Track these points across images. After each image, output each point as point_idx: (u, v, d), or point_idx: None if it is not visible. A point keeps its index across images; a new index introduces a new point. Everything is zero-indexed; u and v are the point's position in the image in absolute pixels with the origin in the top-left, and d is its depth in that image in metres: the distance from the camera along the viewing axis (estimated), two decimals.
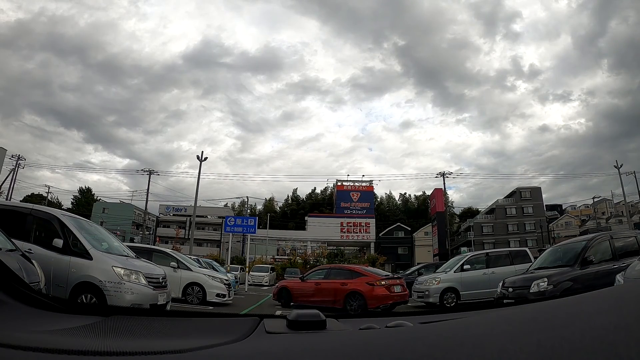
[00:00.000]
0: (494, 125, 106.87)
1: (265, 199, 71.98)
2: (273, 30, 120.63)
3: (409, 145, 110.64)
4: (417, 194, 79.17)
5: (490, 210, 58.50)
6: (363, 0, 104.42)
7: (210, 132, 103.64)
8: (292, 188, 79.45)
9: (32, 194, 54.36)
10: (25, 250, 4.84)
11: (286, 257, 42.94)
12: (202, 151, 30.37)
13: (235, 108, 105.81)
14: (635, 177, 35.23)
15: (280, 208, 71.73)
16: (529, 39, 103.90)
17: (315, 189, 74.51)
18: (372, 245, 53.74)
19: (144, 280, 5.58)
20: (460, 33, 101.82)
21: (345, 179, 61.79)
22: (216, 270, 14.30)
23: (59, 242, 5.43)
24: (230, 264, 27.80)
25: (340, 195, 59.32)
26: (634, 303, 0.52)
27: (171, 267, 9.49)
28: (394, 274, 12.29)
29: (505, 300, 6.42)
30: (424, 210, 70.87)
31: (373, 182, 61.44)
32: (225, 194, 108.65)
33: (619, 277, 4.99)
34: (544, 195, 56.79)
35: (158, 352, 0.69)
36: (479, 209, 64.78)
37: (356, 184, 60.61)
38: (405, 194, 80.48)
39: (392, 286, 9.23)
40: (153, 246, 11.72)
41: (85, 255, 5.41)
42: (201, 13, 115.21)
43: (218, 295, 9.87)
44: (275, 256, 46.38)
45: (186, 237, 45.26)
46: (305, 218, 58.73)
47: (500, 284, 7.26)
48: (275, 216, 61.74)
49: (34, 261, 4.42)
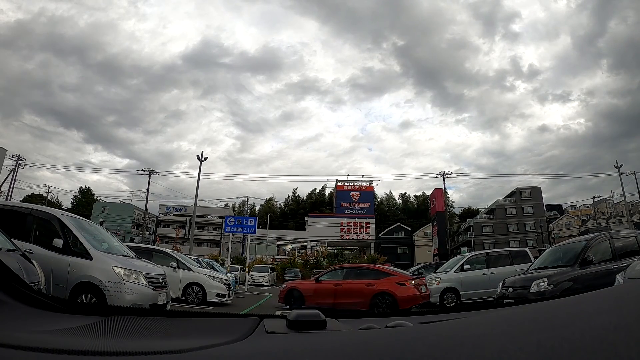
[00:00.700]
0: (494, 125, 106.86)
1: (266, 200, 72.04)
2: (272, 31, 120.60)
3: (408, 145, 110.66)
4: (417, 194, 79.20)
5: (490, 210, 58.48)
6: (362, 1, 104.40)
7: (209, 132, 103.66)
8: (292, 188, 79.49)
9: (32, 194, 54.29)
10: (25, 250, 4.84)
11: (286, 257, 42.97)
12: (202, 151, 30.44)
13: (235, 108, 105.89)
14: (635, 177, 35.28)
15: (280, 208, 71.69)
16: (528, 39, 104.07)
17: (315, 189, 74.57)
18: (372, 245, 53.79)
19: (144, 280, 5.58)
20: (459, 33, 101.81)
21: (345, 179, 61.92)
22: (216, 270, 14.32)
23: (59, 242, 5.43)
24: (230, 264, 27.83)
25: (340, 195, 59.34)
26: (634, 303, 0.52)
27: (171, 267, 9.49)
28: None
29: (505, 300, 6.43)
30: (423, 210, 70.81)
31: (373, 182, 61.61)
32: (225, 194, 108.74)
33: (619, 277, 5.00)
34: (543, 196, 56.85)
35: (158, 352, 0.69)
36: (479, 209, 64.85)
37: (356, 184, 60.68)
38: (405, 193, 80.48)
39: (420, 285, 8.90)
40: (153, 246, 11.72)
41: (85, 255, 5.42)
42: (200, 13, 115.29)
43: (218, 295, 9.90)
44: (275, 256, 46.37)
45: (186, 237, 45.28)
46: (305, 218, 58.75)
47: (500, 284, 7.26)
48: (275, 216, 61.71)
49: (34, 261, 4.42)
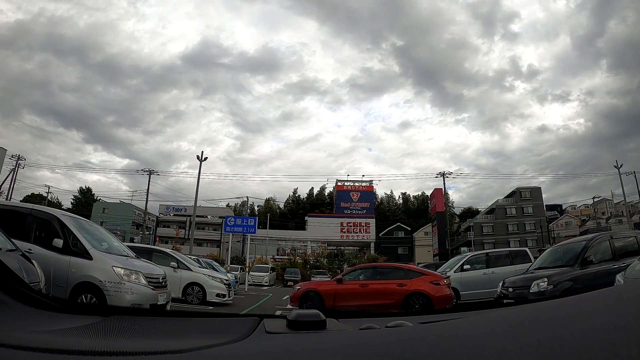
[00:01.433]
0: (493, 125, 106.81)
1: (266, 200, 72.03)
2: (272, 31, 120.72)
3: (408, 146, 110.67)
4: (417, 193, 79.23)
5: (490, 210, 58.46)
6: (361, 1, 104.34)
7: (209, 132, 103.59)
8: (292, 188, 79.46)
9: (32, 194, 54.25)
10: (25, 250, 4.84)
11: (286, 257, 42.96)
12: (202, 151, 30.44)
13: (235, 108, 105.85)
14: (635, 177, 35.28)
15: (279, 209, 71.67)
16: (528, 39, 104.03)
17: (312, 189, 74.59)
18: (372, 245, 53.77)
19: (144, 280, 5.58)
20: (458, 33, 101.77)
21: (345, 179, 61.89)
22: (216, 270, 14.33)
23: (59, 242, 5.43)
24: (230, 264, 27.84)
25: (340, 195, 59.32)
26: (634, 303, 0.52)
27: (171, 267, 9.50)
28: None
29: (505, 301, 6.43)
30: (423, 210, 70.79)
31: (373, 182, 61.59)
32: (225, 194, 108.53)
33: (619, 277, 5.00)
34: (543, 196, 56.82)
35: (158, 352, 0.69)
36: (479, 209, 64.85)
37: (356, 184, 60.64)
38: (406, 193, 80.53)
39: (450, 285, 8.59)
40: (153, 246, 11.71)
41: (85, 255, 5.42)
42: (200, 14, 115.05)
43: (218, 295, 9.90)
44: (275, 256, 46.39)
45: (186, 237, 45.28)
46: (305, 218, 58.72)
47: (500, 284, 7.25)
48: (275, 216, 61.71)
49: (33, 261, 4.42)
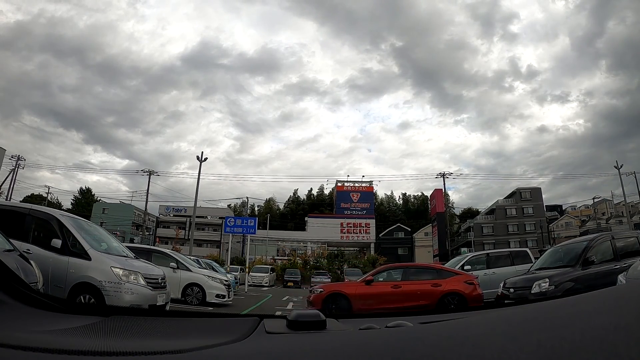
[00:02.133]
0: (493, 126, 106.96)
1: (266, 200, 71.98)
2: (271, 32, 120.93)
3: (407, 146, 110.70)
4: (417, 194, 79.21)
5: (491, 211, 58.46)
6: (360, 2, 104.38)
7: (209, 133, 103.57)
8: (292, 189, 79.42)
9: (32, 194, 54.31)
10: (23, 251, 4.81)
11: (286, 258, 42.89)
12: (202, 152, 30.35)
13: (234, 109, 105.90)
14: (635, 177, 35.31)
15: (280, 209, 71.63)
16: (527, 40, 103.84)
17: (311, 190, 74.56)
18: (372, 245, 53.66)
19: (142, 281, 5.54)
20: (457, 34, 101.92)
21: (345, 180, 61.88)
22: (216, 271, 14.31)
23: (57, 243, 5.40)
24: (230, 265, 27.82)
25: (340, 195, 59.27)
26: (634, 303, 0.53)
27: (170, 268, 9.47)
28: None
29: (506, 301, 6.40)
30: (423, 210, 70.77)
31: (373, 183, 61.53)
32: (224, 194, 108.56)
33: (621, 278, 4.97)
34: (543, 196, 56.82)
35: (158, 352, 0.69)
36: (479, 210, 64.86)
37: (356, 184, 60.61)
38: (406, 194, 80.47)
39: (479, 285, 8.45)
40: (152, 247, 11.68)
41: (84, 255, 5.38)
42: (199, 15, 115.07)
43: (217, 296, 9.86)
44: (275, 257, 46.32)
45: (186, 238, 45.25)
46: (305, 218, 58.66)
47: (502, 285, 7.22)
48: (275, 217, 61.66)
49: (31, 261, 4.39)
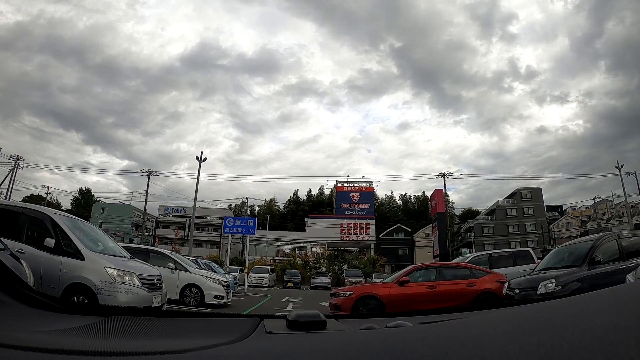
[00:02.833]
0: (492, 126, 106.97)
1: (265, 200, 71.83)
2: (270, 33, 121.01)
3: (407, 147, 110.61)
4: (417, 194, 79.07)
5: (491, 211, 58.41)
6: (359, 2, 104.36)
7: (208, 134, 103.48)
8: (291, 189, 79.45)
9: (32, 194, 54.32)
10: (16, 250, 4.67)
11: (286, 259, 42.73)
12: (202, 152, 30.21)
13: (234, 109, 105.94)
14: (636, 178, 35.21)
15: (279, 209, 71.47)
16: (526, 41, 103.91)
17: (310, 190, 74.40)
18: (372, 246, 53.45)
19: (137, 282, 5.38)
20: (456, 35, 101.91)
21: (345, 180, 61.74)
22: (215, 271, 14.18)
23: (50, 242, 5.25)
24: (230, 265, 27.69)
25: (340, 196, 59.12)
26: (634, 303, 0.53)
27: (168, 268, 9.32)
28: None
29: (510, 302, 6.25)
30: (423, 211, 70.67)
31: (373, 183, 61.36)
32: (224, 195, 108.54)
33: (629, 277, 4.84)
34: (543, 197, 56.70)
35: (158, 352, 0.69)
36: (479, 210, 64.79)
37: (356, 184, 60.45)
38: (406, 194, 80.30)
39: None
40: (150, 247, 11.55)
41: (78, 255, 5.22)
42: (199, 15, 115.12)
43: (216, 297, 9.69)
44: (275, 257, 46.17)
45: (185, 238, 45.09)
46: (305, 219, 58.45)
47: (506, 285, 7.09)
48: (274, 217, 61.51)
49: (22, 261, 4.25)
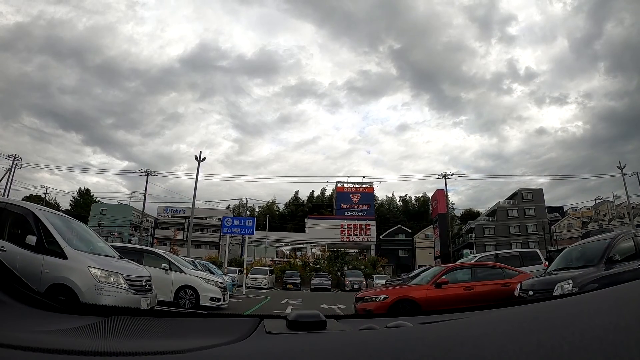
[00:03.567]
0: (491, 128, 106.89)
1: (268, 202, 71.37)
2: (269, 34, 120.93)
3: (406, 148, 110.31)
4: (418, 195, 78.71)
5: (492, 212, 58.20)
6: (358, 4, 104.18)
7: (207, 135, 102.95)
8: (291, 190, 79.17)
9: (31, 195, 54.23)
10: None
11: (285, 260, 42.33)
12: (200, 151, 29.94)
13: (233, 110, 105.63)
14: (638, 178, 34.94)
15: (279, 210, 71.07)
16: (525, 42, 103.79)
17: (313, 192, 74.04)
18: (373, 247, 53.05)
19: (123, 283, 5.00)
20: (455, 36, 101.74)
21: (346, 181, 61.34)
22: (212, 272, 13.84)
23: (32, 239, 4.88)
24: (229, 266, 27.32)
25: (340, 196, 58.72)
26: (634, 303, 0.53)
27: (162, 269, 8.95)
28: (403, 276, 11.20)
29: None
30: (424, 212, 70.40)
31: (373, 184, 60.93)
32: (223, 196, 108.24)
33: None
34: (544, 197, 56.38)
35: (158, 352, 0.69)
36: (480, 211, 64.52)
37: (356, 185, 60.05)
38: (406, 195, 79.90)
39: None
40: (144, 247, 11.18)
41: (60, 254, 4.85)
42: (198, 17, 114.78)
43: (212, 299, 9.29)
44: (275, 258, 45.79)
45: (184, 239, 44.70)
46: (305, 220, 58.02)
47: (518, 287, 6.73)
48: (274, 218, 61.12)
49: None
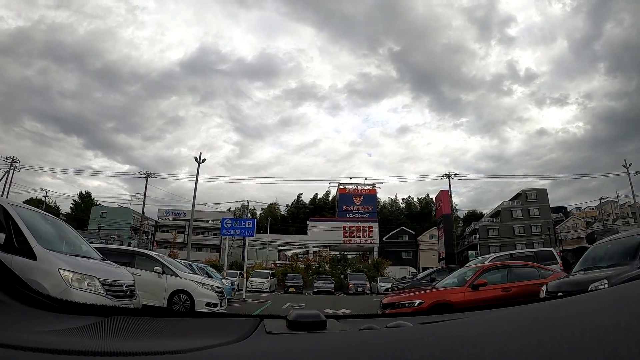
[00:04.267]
0: (492, 129, 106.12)
1: (268, 205, 70.73)
2: (269, 38, 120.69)
3: (407, 151, 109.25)
4: (421, 196, 77.96)
5: (496, 213, 57.65)
6: (356, 7, 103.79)
7: (208, 138, 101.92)
8: (292, 193, 78.77)
9: (31, 198, 54.10)
10: None
11: (287, 263, 41.70)
12: (200, 153, 29.60)
13: (234, 114, 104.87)
14: None
15: (281, 213, 70.45)
16: (525, 43, 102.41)
17: (317, 195, 73.34)
18: (376, 249, 52.35)
19: (99, 288, 4.39)
20: (454, 38, 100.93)
21: (348, 182, 60.61)
22: (211, 276, 13.29)
23: (0, 237, 4.32)
24: (229, 270, 26.75)
25: (342, 198, 58.05)
26: (634, 303, 0.53)
27: (155, 272, 8.35)
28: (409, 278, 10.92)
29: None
30: (427, 213, 69.75)
31: (376, 185, 60.24)
32: (225, 199, 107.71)
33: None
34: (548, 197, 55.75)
35: (158, 352, 0.69)
36: (483, 212, 63.87)
37: (358, 187, 59.37)
38: (409, 197, 79.13)
39: None
40: (135, 248, 10.61)
41: (29, 253, 4.27)
42: (198, 21, 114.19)
43: (208, 304, 8.64)
44: (276, 261, 45.14)
45: (185, 242, 44.16)
46: (307, 222, 57.28)
47: (544, 289, 6.16)
48: (276, 220, 60.48)
49: None
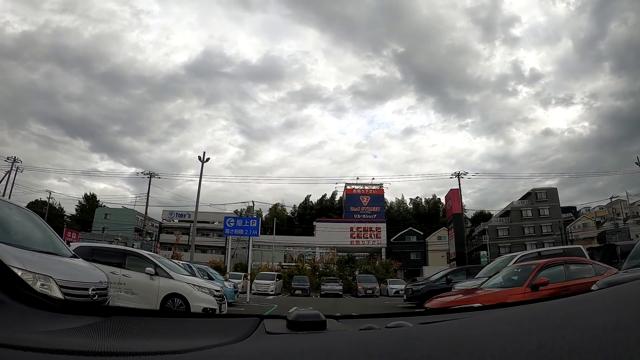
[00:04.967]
0: (497, 130, 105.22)
1: (273, 205, 70.03)
2: (273, 40, 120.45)
3: (412, 152, 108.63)
4: (428, 197, 76.91)
5: (505, 213, 56.64)
6: (360, 8, 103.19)
7: (214, 141, 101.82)
8: (298, 195, 78.30)
9: (36, 200, 54.16)
10: None
11: (294, 264, 40.90)
12: (204, 152, 28.99)
13: (239, 116, 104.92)
14: None
15: (287, 214, 69.74)
16: (529, 44, 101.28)
17: (325, 195, 72.60)
18: (384, 250, 51.40)
19: (56, 290, 3.55)
20: (458, 39, 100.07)
21: (355, 182, 59.66)
22: (212, 278, 12.59)
23: None
24: (234, 271, 26.08)
25: (349, 199, 57.12)
26: (634, 303, 0.53)
27: (147, 274, 7.63)
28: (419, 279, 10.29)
29: None
30: (435, 214, 68.75)
31: (383, 186, 59.22)
32: (231, 201, 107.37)
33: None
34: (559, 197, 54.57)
35: (158, 352, 0.69)
36: (491, 213, 62.78)
37: (366, 187, 58.42)
38: (417, 198, 78.05)
39: None
40: (127, 247, 9.91)
41: None
42: (203, 24, 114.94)
43: (205, 309, 7.84)
44: (282, 263, 44.34)
45: (189, 243, 43.63)
46: (314, 223, 56.41)
47: (594, 288, 5.37)
48: (282, 221, 59.73)
49: None
